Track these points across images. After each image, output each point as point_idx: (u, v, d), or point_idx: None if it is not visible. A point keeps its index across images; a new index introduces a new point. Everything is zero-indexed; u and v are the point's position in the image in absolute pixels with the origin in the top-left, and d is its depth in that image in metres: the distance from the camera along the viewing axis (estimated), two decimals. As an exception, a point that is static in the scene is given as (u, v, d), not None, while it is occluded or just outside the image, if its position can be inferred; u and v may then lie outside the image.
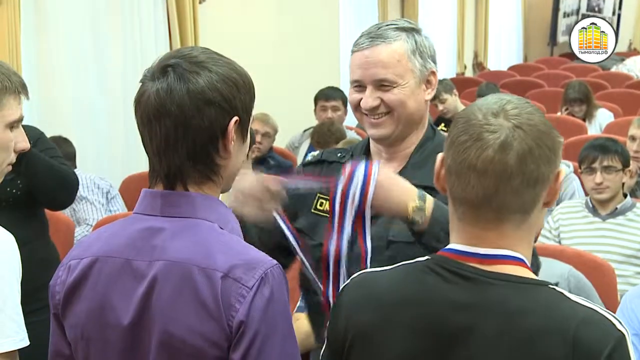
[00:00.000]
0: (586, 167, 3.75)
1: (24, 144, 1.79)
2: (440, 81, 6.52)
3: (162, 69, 1.44)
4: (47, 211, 3.90)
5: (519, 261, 1.34)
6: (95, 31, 5.26)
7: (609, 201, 3.73)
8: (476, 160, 1.30)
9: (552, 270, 2.69)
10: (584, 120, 6.57)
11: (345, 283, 1.49)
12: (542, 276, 2.58)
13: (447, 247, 1.38)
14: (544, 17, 12.92)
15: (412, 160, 2.00)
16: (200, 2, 5.90)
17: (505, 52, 12.79)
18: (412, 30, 1.98)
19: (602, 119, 6.64)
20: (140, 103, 1.45)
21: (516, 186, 1.30)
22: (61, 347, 1.52)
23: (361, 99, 1.96)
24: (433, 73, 2.00)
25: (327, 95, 5.67)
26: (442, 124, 5.96)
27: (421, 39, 1.98)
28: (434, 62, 2.02)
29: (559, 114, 6.66)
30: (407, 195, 1.72)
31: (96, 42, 5.27)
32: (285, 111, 5.79)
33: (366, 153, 2.07)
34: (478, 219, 1.34)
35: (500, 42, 12.67)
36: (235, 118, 1.45)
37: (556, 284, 2.58)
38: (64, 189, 2.86)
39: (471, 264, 1.33)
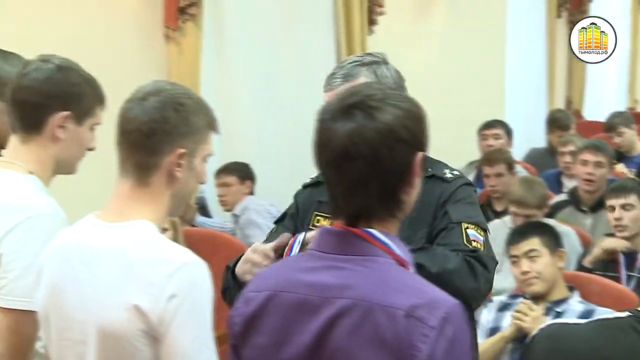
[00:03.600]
0: None
1: (206, 177, 1.88)
2: (620, 113, 6.36)
3: (345, 109, 1.42)
4: (219, 235, 4.14)
5: None
6: (269, 63, 5.42)
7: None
8: None
9: None
10: None
11: (535, 332, 1.44)
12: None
13: None
14: None
15: None
16: (369, 34, 6.03)
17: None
18: (373, 64, 2.08)
19: None
20: (326, 146, 1.44)
21: None
22: None
23: None
24: None
25: (489, 124, 5.78)
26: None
27: (382, 71, 2.08)
28: (401, 87, 2.09)
29: None
30: None
31: (270, 73, 5.43)
32: (450, 142, 5.80)
33: None
34: None
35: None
36: (421, 153, 1.45)
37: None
38: None
39: None
